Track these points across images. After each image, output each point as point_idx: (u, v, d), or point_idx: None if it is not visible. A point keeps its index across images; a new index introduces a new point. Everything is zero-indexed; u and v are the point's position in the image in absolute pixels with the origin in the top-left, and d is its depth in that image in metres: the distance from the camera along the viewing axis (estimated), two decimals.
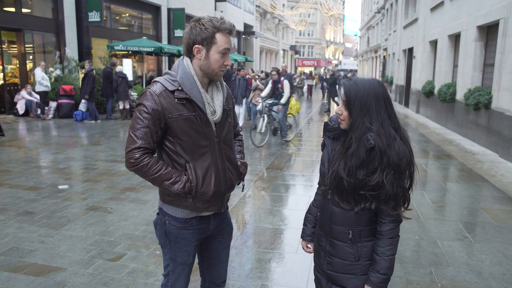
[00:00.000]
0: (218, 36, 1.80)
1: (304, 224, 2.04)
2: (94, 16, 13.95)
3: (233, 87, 11.05)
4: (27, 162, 6.78)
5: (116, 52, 15.52)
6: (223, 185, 1.91)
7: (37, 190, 5.30)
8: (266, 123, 9.11)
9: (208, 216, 1.96)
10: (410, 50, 18.19)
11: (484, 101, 8.63)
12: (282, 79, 9.26)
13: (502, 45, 8.03)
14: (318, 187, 1.95)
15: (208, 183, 1.85)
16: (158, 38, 18.85)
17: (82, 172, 6.40)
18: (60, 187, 5.46)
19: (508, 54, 7.78)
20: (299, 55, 57.62)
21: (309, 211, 2.04)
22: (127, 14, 18.00)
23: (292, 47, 51.28)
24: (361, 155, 1.63)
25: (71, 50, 13.79)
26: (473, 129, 9.44)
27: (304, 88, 26.95)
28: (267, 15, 38.97)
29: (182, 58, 1.87)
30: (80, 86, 12.09)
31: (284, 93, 9.11)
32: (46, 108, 12.28)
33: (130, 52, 15.21)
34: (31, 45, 13.32)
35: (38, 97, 12.25)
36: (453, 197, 5.36)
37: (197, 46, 1.80)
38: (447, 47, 12.19)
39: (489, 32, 9.39)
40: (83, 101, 11.86)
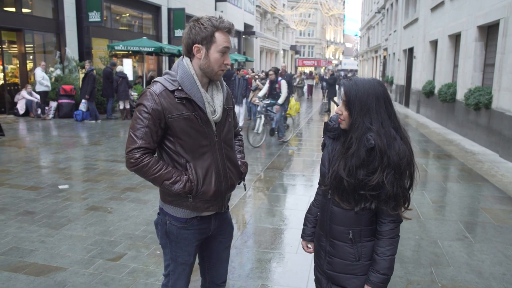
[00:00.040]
0: (218, 35, 1.80)
1: (304, 224, 2.04)
2: (94, 16, 13.96)
3: (233, 87, 11.04)
4: (28, 162, 6.79)
5: (116, 52, 15.52)
6: (224, 185, 1.91)
7: (38, 190, 5.31)
8: (263, 123, 9.08)
9: (209, 216, 1.97)
10: (411, 50, 18.19)
11: (484, 101, 8.62)
12: (279, 79, 9.24)
13: (503, 45, 8.03)
14: (318, 187, 1.94)
15: (209, 183, 1.85)
16: (159, 38, 18.86)
17: (82, 172, 6.41)
18: (61, 187, 5.46)
19: (508, 54, 7.77)
20: (299, 55, 57.62)
21: (309, 211, 2.04)
22: (127, 14, 18.01)
23: (292, 47, 51.29)
24: (361, 155, 1.63)
25: (72, 50, 13.80)
26: (474, 129, 9.44)
27: (304, 88, 26.94)
28: (267, 15, 38.98)
29: (181, 58, 1.87)
30: (81, 86, 12.11)
31: (281, 93, 9.09)
32: (47, 108, 12.29)
33: (130, 52, 15.22)
34: (32, 45, 13.33)
35: (38, 97, 12.26)
36: (453, 197, 5.36)
37: (196, 45, 1.80)
38: (448, 47, 12.18)
39: (489, 32, 9.39)
40: (83, 101, 11.87)
